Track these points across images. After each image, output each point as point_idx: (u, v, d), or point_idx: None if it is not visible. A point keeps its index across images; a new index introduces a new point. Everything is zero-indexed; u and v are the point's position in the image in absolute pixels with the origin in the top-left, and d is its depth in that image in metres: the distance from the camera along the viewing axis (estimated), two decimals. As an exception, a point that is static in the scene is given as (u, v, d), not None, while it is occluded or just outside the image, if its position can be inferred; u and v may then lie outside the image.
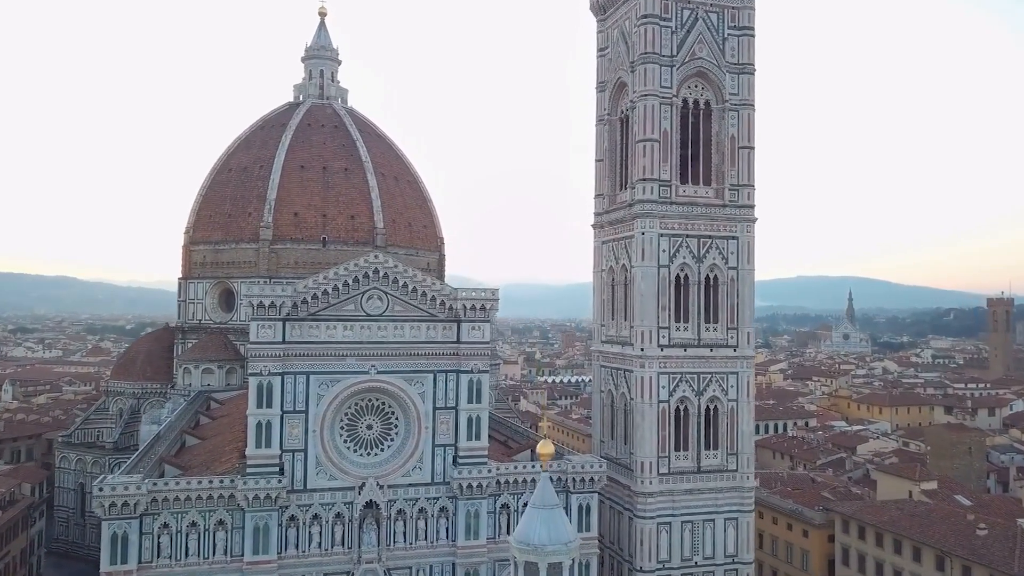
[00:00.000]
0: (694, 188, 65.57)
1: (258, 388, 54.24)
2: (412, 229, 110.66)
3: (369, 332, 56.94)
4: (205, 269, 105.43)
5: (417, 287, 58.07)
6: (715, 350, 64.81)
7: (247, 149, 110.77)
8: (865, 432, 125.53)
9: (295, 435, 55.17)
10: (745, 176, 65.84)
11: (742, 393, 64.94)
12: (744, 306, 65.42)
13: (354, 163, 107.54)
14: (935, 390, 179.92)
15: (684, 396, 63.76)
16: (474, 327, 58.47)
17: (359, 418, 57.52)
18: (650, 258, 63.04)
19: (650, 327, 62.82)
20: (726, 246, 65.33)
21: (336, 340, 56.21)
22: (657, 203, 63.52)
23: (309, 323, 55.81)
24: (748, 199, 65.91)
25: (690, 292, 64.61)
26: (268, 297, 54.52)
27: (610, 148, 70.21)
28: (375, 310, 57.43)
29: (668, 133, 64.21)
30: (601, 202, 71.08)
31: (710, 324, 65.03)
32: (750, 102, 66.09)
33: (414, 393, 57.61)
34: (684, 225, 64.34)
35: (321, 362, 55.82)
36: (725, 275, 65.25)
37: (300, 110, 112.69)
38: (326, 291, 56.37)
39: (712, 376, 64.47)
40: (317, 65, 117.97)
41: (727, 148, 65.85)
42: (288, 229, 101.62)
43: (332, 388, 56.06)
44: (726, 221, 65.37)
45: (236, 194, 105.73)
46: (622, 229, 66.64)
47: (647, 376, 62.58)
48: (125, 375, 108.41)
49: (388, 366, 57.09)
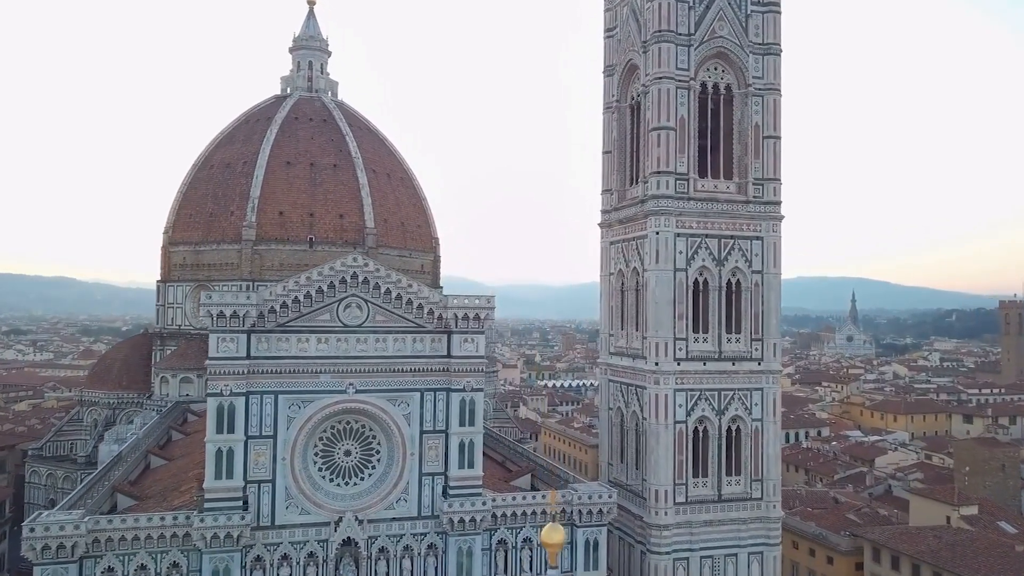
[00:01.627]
0: (714, 182, 58.11)
1: (218, 410, 46.77)
2: (405, 229, 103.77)
3: (347, 345, 49.52)
4: (185, 271, 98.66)
5: (402, 294, 50.66)
6: (738, 364, 57.30)
7: (230, 144, 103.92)
8: (883, 443, 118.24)
9: (261, 464, 47.72)
10: (771, 169, 58.35)
11: (767, 412, 57.51)
12: (770, 314, 57.99)
13: (343, 159, 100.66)
14: (948, 396, 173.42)
15: (703, 416, 56.30)
16: (467, 339, 50.99)
17: (335, 443, 50.04)
18: (665, 260, 55.60)
19: (665, 338, 55.37)
20: (749, 247, 57.89)
21: (309, 355, 48.78)
22: (673, 199, 56.07)
23: (278, 335, 48.42)
24: (774, 195, 58.42)
25: (709, 299, 57.19)
26: (229, 306, 47.10)
27: (619, 139, 62.73)
28: (354, 320, 50.01)
29: (685, 120, 56.81)
30: (609, 198, 63.57)
31: (732, 335, 57.57)
32: (776, 86, 58.61)
33: (398, 415, 50.16)
34: (703, 224, 56.86)
35: (291, 380, 48.38)
36: (748, 280, 57.81)
37: (287, 103, 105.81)
38: (297, 299, 48.95)
39: (734, 393, 56.99)
40: (306, 56, 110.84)
41: (750, 138, 58.39)
42: (272, 229, 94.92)
43: (304, 410, 48.62)
44: (749, 219, 57.91)
45: (218, 192, 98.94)
46: (633, 228, 59.19)
47: (662, 394, 55.12)
48: (100, 384, 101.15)
49: (368, 384, 49.64)
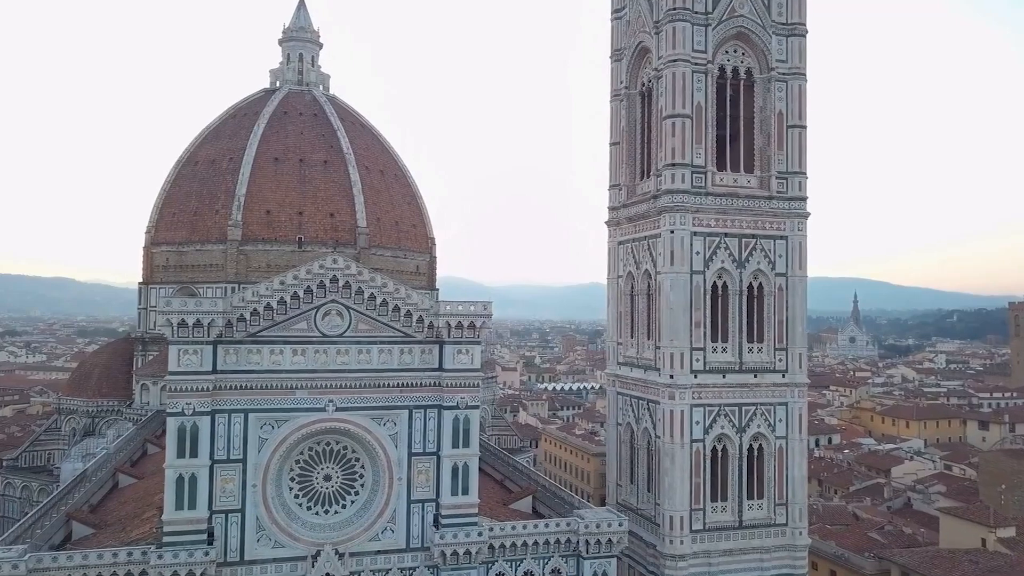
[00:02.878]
0: (733, 176, 52.49)
1: (179, 432, 41.04)
2: (399, 228, 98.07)
3: (326, 358, 43.84)
4: (168, 273, 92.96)
5: (388, 300, 44.98)
6: (760, 376, 51.66)
7: (216, 140, 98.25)
8: (898, 452, 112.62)
9: (229, 491, 42.01)
10: (796, 161, 52.75)
11: (793, 429, 51.92)
12: (795, 321, 52.32)
13: (334, 155, 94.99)
14: (959, 400, 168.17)
15: (722, 434, 50.67)
16: (461, 350, 45.30)
17: (313, 467, 44.35)
18: (680, 262, 49.99)
19: (681, 348, 49.75)
20: (772, 247, 52.25)
21: (283, 368, 43.11)
22: (689, 193, 50.47)
23: (248, 346, 42.74)
24: (799, 190, 52.78)
25: (729, 304, 51.57)
26: (192, 313, 41.42)
27: (628, 129, 57.07)
28: (334, 329, 44.33)
29: (702, 107, 51.18)
30: (617, 194, 57.89)
31: (753, 344, 51.91)
32: (801, 71, 52.99)
33: (384, 435, 44.51)
34: (722, 221, 51.24)
35: (263, 397, 42.70)
36: (772, 283, 52.17)
37: (275, 97, 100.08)
38: (270, 305, 43.24)
39: (756, 408, 51.37)
40: (296, 48, 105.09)
41: (773, 127, 52.76)
42: (259, 228, 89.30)
43: (278, 430, 42.95)
44: (773, 217, 52.28)
45: (202, 190, 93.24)
46: (645, 226, 53.57)
47: (677, 410, 49.48)
48: (79, 391, 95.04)
49: (350, 401, 44.00)
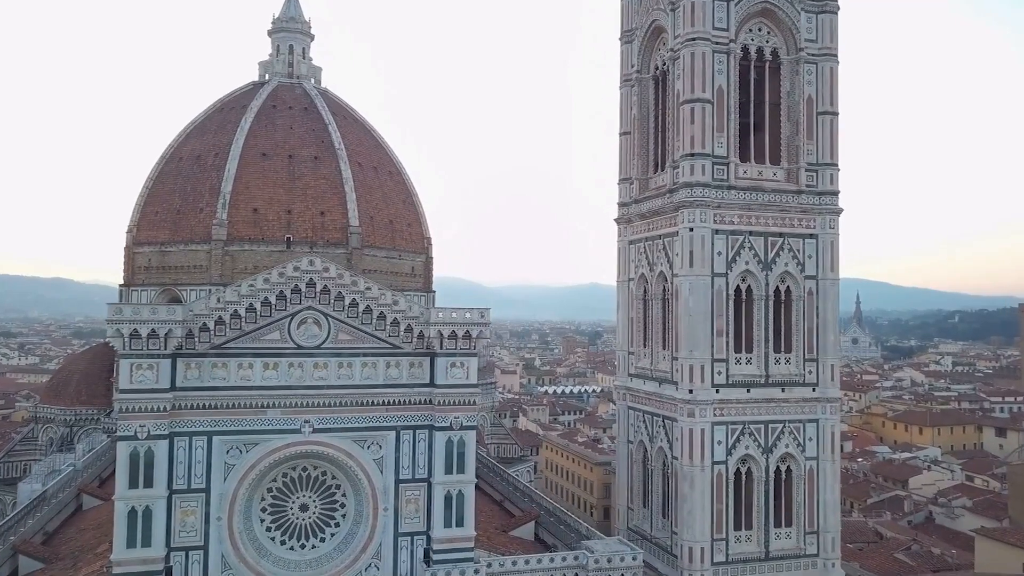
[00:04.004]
0: (758, 168, 47.09)
1: (131, 459, 35.55)
2: (394, 227, 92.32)
3: (301, 372, 38.44)
4: (150, 274, 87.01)
5: (372, 306, 39.56)
6: (788, 390, 46.24)
7: (201, 135, 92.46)
8: (915, 461, 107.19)
9: (190, 525, 36.58)
10: (827, 152, 47.38)
11: (824, 449, 46.48)
12: (826, 329, 46.95)
13: (325, 150, 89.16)
14: (971, 404, 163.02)
15: (747, 455, 45.26)
16: (455, 363, 39.89)
17: (288, 496, 38.93)
18: (701, 263, 44.60)
19: (701, 360, 44.33)
20: (802, 247, 46.88)
21: (253, 384, 37.70)
22: (710, 187, 45.10)
23: (212, 360, 37.33)
24: (831, 183, 47.40)
25: (753, 310, 46.17)
26: (146, 323, 36.02)
27: (640, 116, 51.66)
28: (311, 340, 38.92)
29: (724, 91, 45.80)
30: (628, 189, 52.45)
31: (781, 354, 46.50)
32: (832, 51, 47.64)
33: (367, 459, 39.11)
34: (746, 218, 45.88)
35: (230, 417, 37.29)
36: (801, 287, 46.78)
37: (264, 90, 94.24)
38: (237, 313, 37.89)
39: (784, 426, 45.96)
40: (286, 39, 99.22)
41: (802, 114, 47.40)
42: (246, 227, 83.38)
43: (247, 455, 37.56)
44: (802, 213, 46.90)
45: (186, 187, 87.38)
46: (660, 224, 48.17)
47: (697, 428, 44.07)
48: (57, 398, 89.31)
49: (329, 421, 38.60)
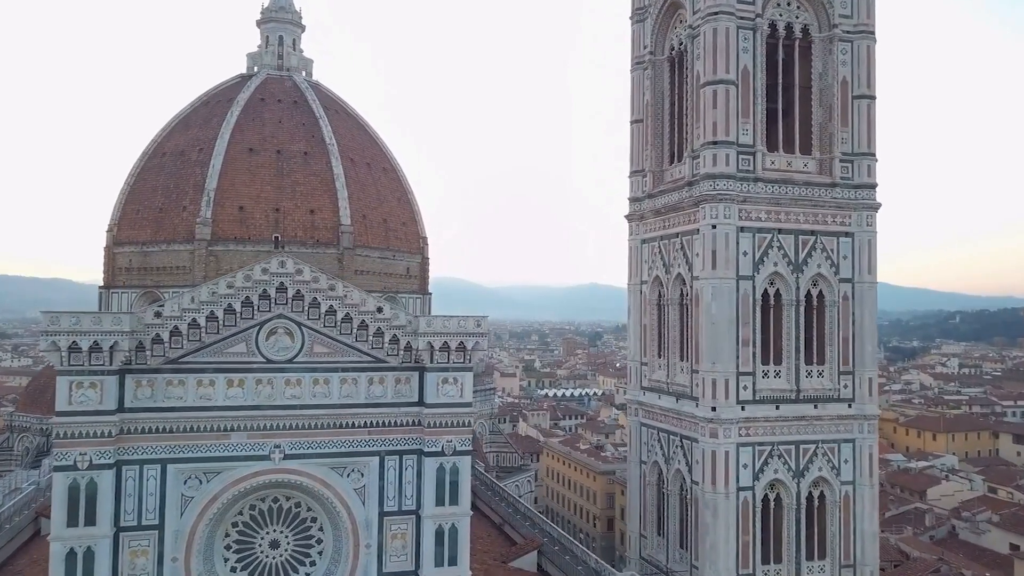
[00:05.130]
0: (787, 158, 41.95)
1: (70, 493, 30.48)
2: (388, 226, 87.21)
3: (271, 390, 33.32)
4: (131, 276, 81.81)
5: (352, 314, 34.45)
6: (821, 406, 41.09)
7: (185, 129, 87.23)
8: (932, 470, 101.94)
9: (140, 568, 31.43)
10: (863, 140, 42.23)
11: (862, 472, 41.29)
12: (863, 338, 41.76)
13: (316, 146, 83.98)
14: (982, 408, 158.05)
15: (776, 479, 40.09)
16: (447, 379, 34.75)
17: (256, 532, 33.78)
18: (724, 265, 39.45)
19: (725, 373, 39.18)
20: (836, 246, 41.74)
21: (215, 404, 32.60)
22: (735, 179, 39.96)
23: (167, 376, 32.23)
24: (868, 175, 42.24)
25: (783, 317, 41.03)
26: (87, 334, 30.89)
27: (654, 103, 46.50)
28: (282, 353, 33.78)
29: (750, 72, 40.68)
30: (640, 182, 47.27)
31: (813, 367, 41.35)
32: (869, 28, 42.50)
33: (347, 489, 33.96)
34: (774, 214, 40.74)
35: (188, 442, 32.22)
36: (835, 291, 41.63)
37: (252, 83, 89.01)
38: (196, 322, 32.81)
39: (817, 447, 40.79)
40: (275, 30, 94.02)
41: (836, 98, 42.24)
42: (231, 227, 78.19)
43: (207, 485, 32.47)
44: (836, 209, 41.75)
45: (169, 184, 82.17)
46: (677, 220, 43.02)
47: (721, 450, 38.90)
48: (33, 406, 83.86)
49: (303, 446, 33.50)
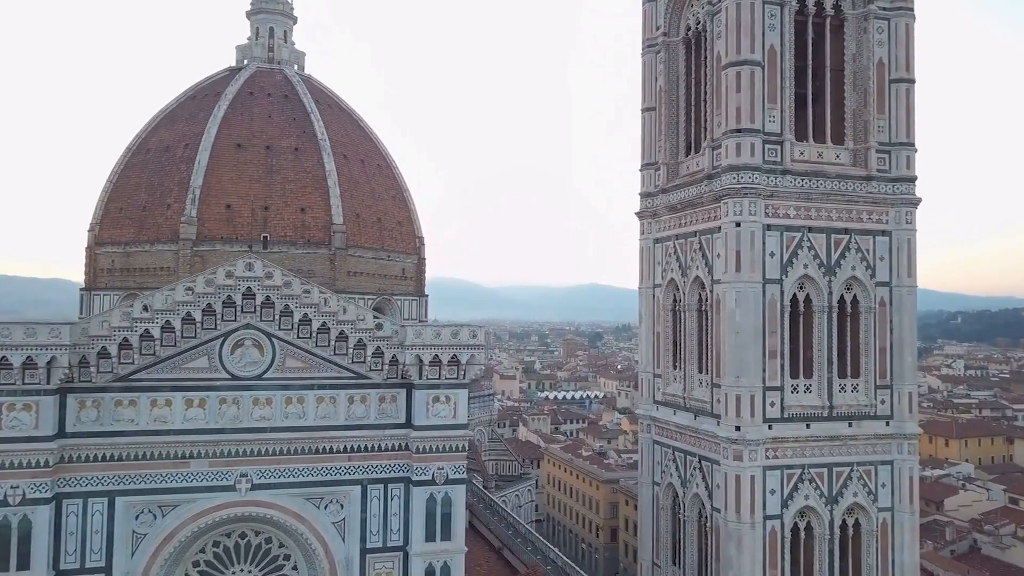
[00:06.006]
0: (818, 148, 37.58)
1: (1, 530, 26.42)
2: (382, 226, 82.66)
3: (237, 411, 29.06)
4: (113, 277, 77.32)
5: (329, 323, 30.22)
6: (856, 424, 36.67)
7: (171, 124, 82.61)
8: (948, 478, 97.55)
9: (84, 617, 27.45)
10: (902, 128, 37.81)
11: (901, 498, 36.90)
12: (902, 348, 37.37)
13: (307, 141, 79.36)
14: (992, 411, 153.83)
15: (806, 506, 35.72)
16: (438, 397, 30.47)
17: (221, 572, 29.57)
18: (750, 267, 35.12)
19: (750, 388, 34.85)
20: (872, 246, 37.37)
21: (171, 428, 28.36)
22: (760, 171, 35.61)
23: (115, 396, 27.97)
24: (907, 167, 37.83)
25: (813, 325, 36.69)
26: (19, 348, 26.60)
27: (668, 89, 42.15)
28: (249, 368, 29.50)
29: (777, 53, 36.37)
30: (653, 176, 42.90)
31: (847, 380, 36.96)
32: (908, 5, 37.98)
33: (324, 523, 29.70)
34: (804, 210, 36.36)
35: (140, 471, 27.98)
36: (871, 296, 37.27)
37: (240, 76, 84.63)
38: (149, 333, 28.54)
39: (852, 470, 36.40)
40: (265, 21, 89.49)
41: (872, 82, 37.85)
42: (217, 226, 73.56)
43: (163, 521, 28.20)
44: (872, 204, 37.37)
45: (153, 181, 77.66)
46: (695, 217, 38.66)
47: (746, 474, 34.54)
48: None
49: (274, 474, 29.25)
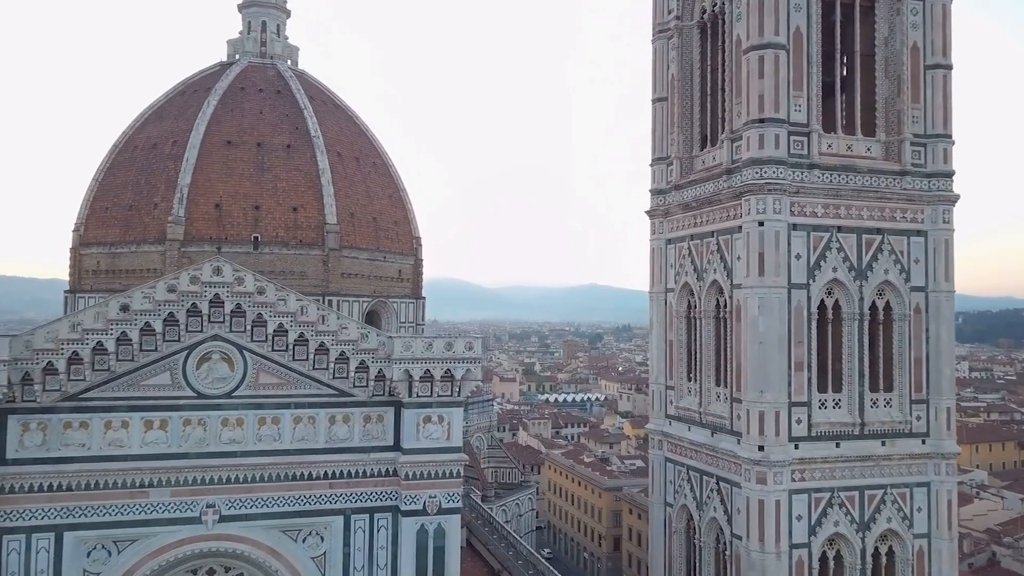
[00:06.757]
0: (847, 140, 34.27)
1: (-72, 573, 23.18)
2: (378, 225, 79.40)
3: (203, 433, 25.78)
4: (98, 279, 73.95)
5: (308, 334, 26.94)
6: (890, 443, 33.32)
7: (159, 120, 79.24)
8: (962, 486, 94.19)
9: (27, 668, 24.15)
10: (938, 118, 34.54)
11: (939, 523, 33.58)
12: (939, 360, 34.07)
13: (300, 138, 75.96)
14: (1000, 415, 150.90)
15: (836, 533, 32.40)
16: (430, 416, 27.16)
17: (184, 614, 26.43)
18: (774, 270, 31.81)
19: (775, 403, 31.56)
20: (906, 248, 34.07)
21: (128, 453, 25.08)
22: (786, 165, 32.32)
23: (64, 417, 24.72)
24: (944, 161, 34.55)
25: (843, 334, 33.41)
26: (-49, 365, 23.36)
27: (682, 77, 38.83)
28: (217, 385, 26.20)
29: (803, 36, 33.09)
30: (665, 171, 39.55)
31: (879, 394, 33.67)
32: (944, -15, 35.05)
33: (302, 559, 26.35)
34: (833, 209, 33.04)
35: (92, 503, 24.67)
36: (905, 302, 33.95)
37: (231, 71, 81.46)
38: (103, 347, 25.25)
39: (885, 493, 33.09)
40: (258, 15, 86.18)
41: (906, 68, 34.55)
42: (206, 225, 70.28)
43: (119, 558, 24.87)
44: (907, 202, 34.05)
45: (139, 179, 74.24)
46: (713, 216, 35.36)
47: (770, 499, 31.25)
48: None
49: (245, 504, 25.95)
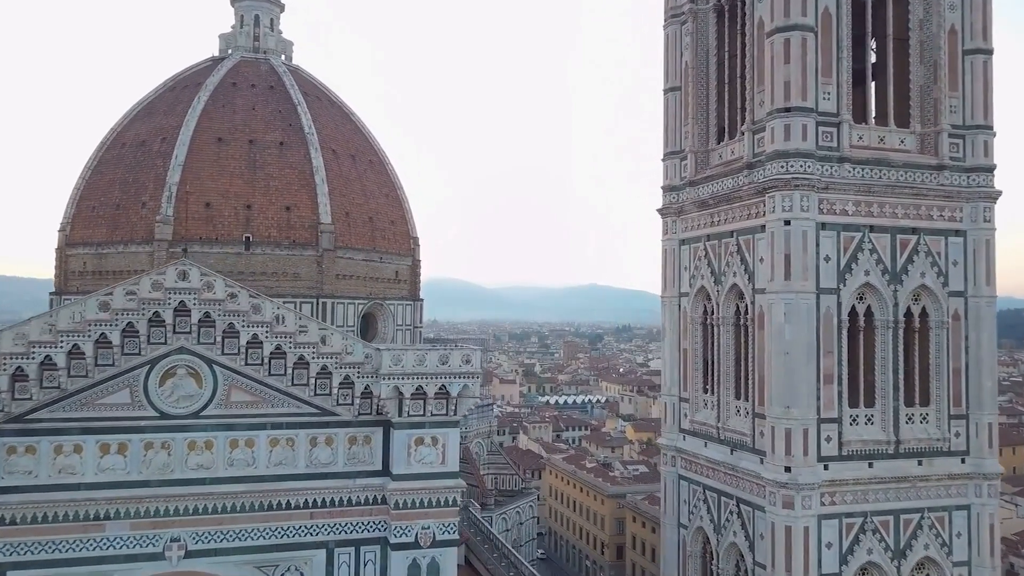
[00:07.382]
0: (880, 132, 31.35)
1: None
2: (374, 225, 76.29)
3: (167, 458, 22.88)
4: (84, 280, 70.66)
5: (285, 346, 24.05)
6: (927, 462, 30.42)
7: (148, 117, 76.10)
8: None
9: None
10: (979, 108, 31.61)
11: (980, 550, 30.68)
12: (980, 371, 31.10)
13: (293, 135, 72.79)
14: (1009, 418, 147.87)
15: (870, 562, 29.45)
16: (423, 438, 24.25)
17: (147, 661, 23.55)
18: (801, 273, 28.91)
19: (803, 420, 28.64)
20: (943, 249, 31.16)
21: (82, 480, 22.20)
22: (814, 159, 29.38)
23: (7, 441, 21.81)
24: (984, 155, 31.58)
25: (876, 343, 30.51)
26: None
27: (696, 64, 35.92)
28: (183, 403, 23.30)
29: (832, 17, 30.17)
30: (679, 166, 36.63)
31: (915, 408, 30.79)
32: (984, -38, 32.16)
33: (279, 599, 23.67)
34: (865, 206, 30.14)
35: (40, 537, 21.84)
36: (943, 308, 31.03)
37: (223, 66, 78.61)
38: (51, 361, 22.35)
39: (922, 517, 30.17)
40: (251, 8, 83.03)
41: (943, 53, 31.67)
42: (196, 225, 67.14)
43: (70, 599, 22.19)
44: (944, 199, 31.13)
45: (128, 177, 70.99)
46: (732, 214, 32.44)
47: (798, 525, 28.33)
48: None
49: (214, 538, 23.04)
